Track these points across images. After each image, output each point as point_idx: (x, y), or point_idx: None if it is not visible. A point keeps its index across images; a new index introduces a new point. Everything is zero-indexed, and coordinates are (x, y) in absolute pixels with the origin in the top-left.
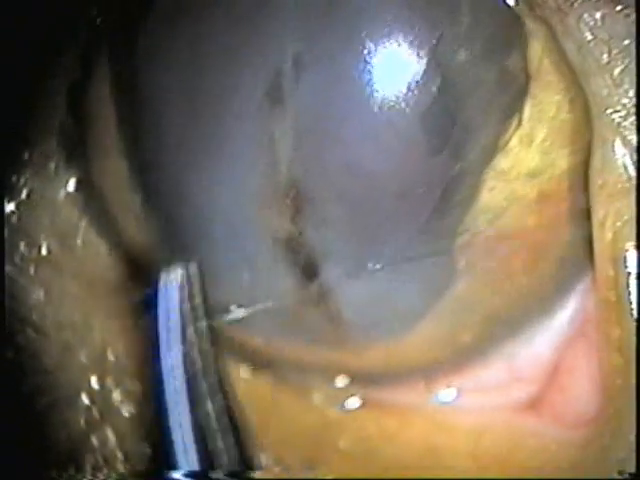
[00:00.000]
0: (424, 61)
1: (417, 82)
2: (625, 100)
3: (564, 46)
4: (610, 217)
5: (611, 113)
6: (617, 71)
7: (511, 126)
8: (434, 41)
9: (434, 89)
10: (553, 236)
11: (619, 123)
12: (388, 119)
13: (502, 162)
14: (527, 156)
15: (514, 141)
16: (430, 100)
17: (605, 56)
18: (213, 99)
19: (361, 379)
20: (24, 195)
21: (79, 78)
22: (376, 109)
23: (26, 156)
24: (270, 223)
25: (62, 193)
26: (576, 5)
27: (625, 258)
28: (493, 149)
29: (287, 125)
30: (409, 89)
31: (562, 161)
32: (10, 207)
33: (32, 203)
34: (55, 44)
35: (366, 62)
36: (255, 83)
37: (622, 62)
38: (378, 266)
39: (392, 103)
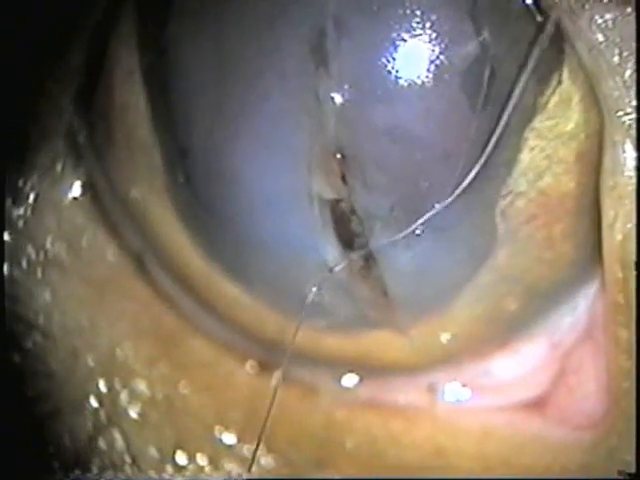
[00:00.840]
0: (463, 21)
1: (457, 42)
2: (636, 102)
3: (576, 47)
4: (620, 219)
5: (622, 115)
6: (628, 73)
7: (550, 85)
8: (473, 0)
9: (474, 48)
10: (589, 199)
11: (630, 125)
12: (430, 80)
13: (543, 121)
14: (566, 115)
15: (553, 100)
16: (470, 60)
17: (616, 58)
18: (253, 56)
19: (372, 376)
20: (31, 199)
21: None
22: (418, 70)
23: (32, 160)
24: (318, 184)
25: (68, 196)
26: (587, 7)
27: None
28: (533, 109)
29: (332, 85)
30: (449, 49)
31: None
32: (17, 211)
33: (38, 206)
34: (64, 38)
35: (407, 23)
36: (298, 41)
37: (633, 64)
38: (420, 231)
39: (433, 63)
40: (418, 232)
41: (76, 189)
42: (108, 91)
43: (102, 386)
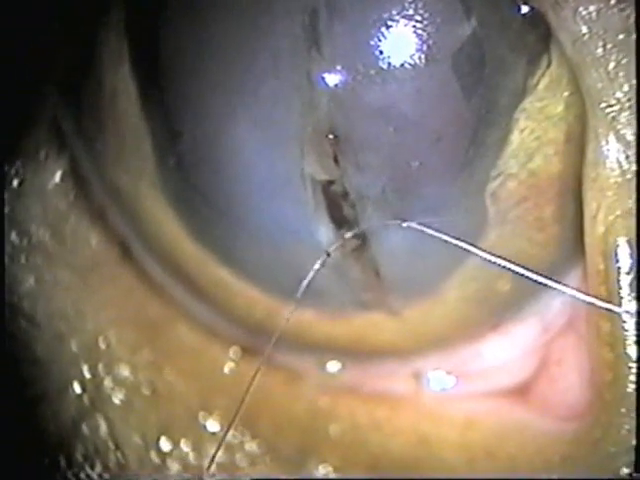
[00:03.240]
0: (454, 3)
1: (448, 23)
2: (619, 94)
3: (559, 39)
4: (602, 211)
5: (605, 107)
6: (612, 65)
7: (540, 67)
8: None
9: (464, 30)
10: (579, 181)
11: (613, 117)
12: (421, 61)
13: (533, 103)
14: (556, 96)
15: (543, 82)
16: (461, 41)
17: (600, 50)
18: (245, 38)
19: (357, 363)
20: (15, 184)
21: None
22: (409, 51)
23: (16, 146)
24: (311, 166)
25: (52, 182)
26: None
27: (616, 252)
28: (523, 90)
29: (324, 66)
30: (440, 30)
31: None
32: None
33: (23, 192)
34: (52, 25)
35: (399, 4)
36: (290, 22)
37: (617, 56)
38: (413, 214)
39: (425, 44)
40: (412, 215)
41: (60, 175)
42: (97, 77)
43: (86, 372)
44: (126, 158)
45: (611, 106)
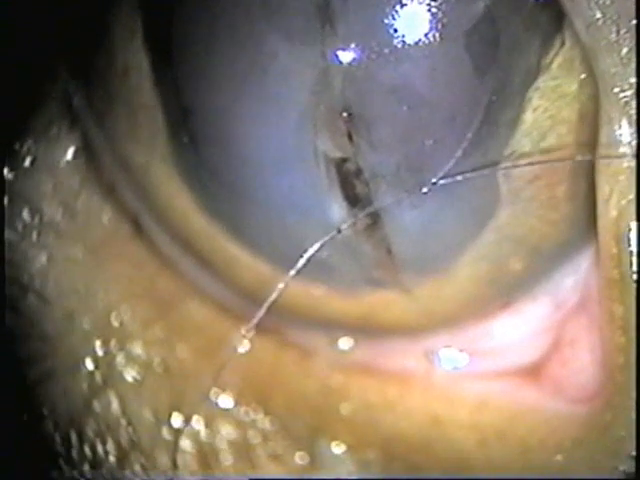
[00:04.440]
0: None
1: (462, 2)
2: (633, 79)
3: (573, 24)
4: (615, 195)
5: (618, 92)
6: (625, 50)
7: (554, 46)
8: None
9: (479, 8)
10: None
11: (626, 102)
12: (435, 39)
13: (546, 82)
14: (570, 75)
15: (557, 61)
16: (475, 19)
17: (613, 35)
18: (259, 15)
19: (369, 340)
20: (27, 162)
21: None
22: (423, 29)
23: (27, 123)
24: (324, 143)
25: (64, 159)
26: None
27: (629, 236)
28: (537, 69)
29: (338, 44)
30: (455, 8)
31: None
32: (12, 174)
33: (34, 170)
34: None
35: None
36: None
37: (630, 41)
38: (426, 189)
39: (439, 22)
40: (425, 190)
41: (72, 152)
42: (109, 53)
43: (98, 349)
44: (138, 134)
45: (624, 91)
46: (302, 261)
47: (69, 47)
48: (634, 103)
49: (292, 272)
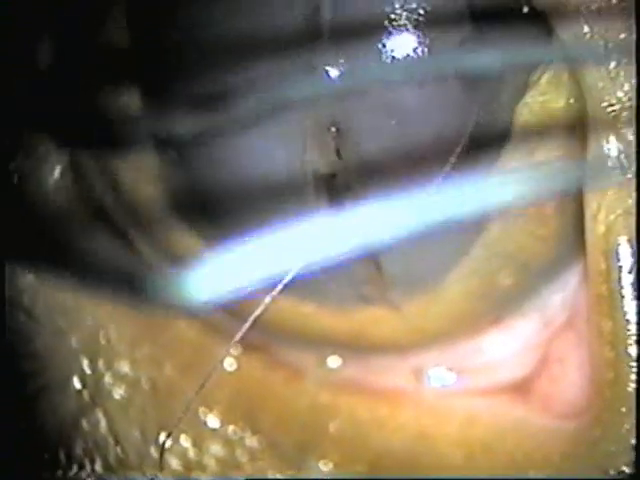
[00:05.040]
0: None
1: (450, 17)
2: (620, 94)
3: (561, 37)
4: (603, 210)
5: (606, 106)
6: (613, 64)
7: (542, 62)
8: None
9: (467, 23)
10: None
11: (614, 116)
12: (424, 54)
13: (535, 97)
14: (557, 91)
15: (546, 77)
16: (463, 35)
17: (601, 49)
18: (247, 30)
19: (358, 358)
20: (15, 179)
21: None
22: (413, 44)
23: (16, 141)
24: (313, 159)
25: (52, 178)
26: None
27: (618, 252)
28: (525, 84)
29: (326, 59)
30: (442, 25)
31: None
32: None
33: (22, 187)
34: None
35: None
36: (292, 14)
37: (618, 55)
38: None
39: (427, 38)
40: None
41: (60, 171)
42: None
43: (86, 367)
44: (125, 153)
45: (612, 105)
46: (291, 274)
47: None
48: (622, 117)
49: (280, 285)
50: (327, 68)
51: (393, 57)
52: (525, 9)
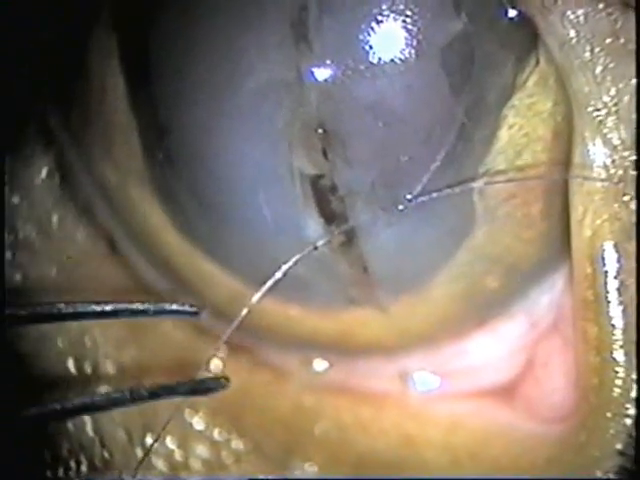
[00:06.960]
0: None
1: (438, 19)
2: (606, 98)
3: (547, 43)
4: (589, 214)
5: (592, 111)
6: (599, 69)
7: (529, 64)
8: None
9: (454, 25)
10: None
11: (600, 121)
12: (411, 56)
13: (522, 99)
14: (545, 93)
15: (533, 79)
16: (450, 37)
17: (587, 54)
18: (234, 32)
19: (343, 361)
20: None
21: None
22: (399, 46)
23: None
24: (299, 160)
25: (38, 178)
26: (559, 2)
27: (603, 256)
28: (512, 86)
29: (313, 61)
30: (430, 26)
31: None
32: None
33: (9, 188)
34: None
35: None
36: (279, 16)
37: (604, 60)
38: (402, 207)
39: (414, 39)
40: (401, 208)
41: (46, 171)
42: (85, 73)
43: (72, 368)
44: (114, 153)
45: (598, 110)
46: (277, 275)
47: (45, 68)
48: (608, 122)
49: (266, 286)
50: (313, 69)
51: (380, 58)
52: (512, 13)
